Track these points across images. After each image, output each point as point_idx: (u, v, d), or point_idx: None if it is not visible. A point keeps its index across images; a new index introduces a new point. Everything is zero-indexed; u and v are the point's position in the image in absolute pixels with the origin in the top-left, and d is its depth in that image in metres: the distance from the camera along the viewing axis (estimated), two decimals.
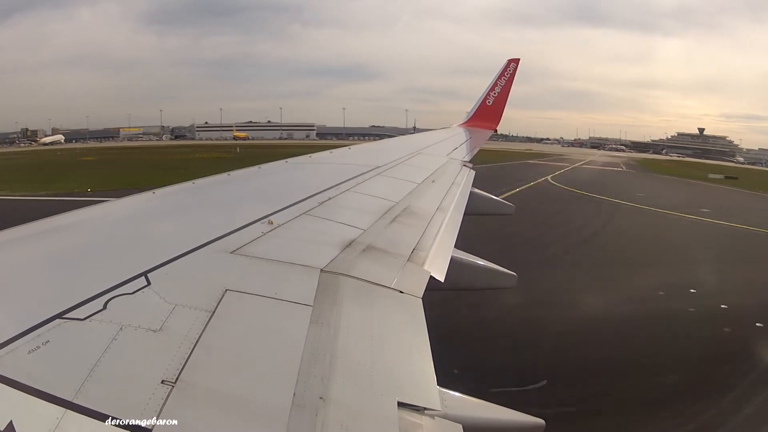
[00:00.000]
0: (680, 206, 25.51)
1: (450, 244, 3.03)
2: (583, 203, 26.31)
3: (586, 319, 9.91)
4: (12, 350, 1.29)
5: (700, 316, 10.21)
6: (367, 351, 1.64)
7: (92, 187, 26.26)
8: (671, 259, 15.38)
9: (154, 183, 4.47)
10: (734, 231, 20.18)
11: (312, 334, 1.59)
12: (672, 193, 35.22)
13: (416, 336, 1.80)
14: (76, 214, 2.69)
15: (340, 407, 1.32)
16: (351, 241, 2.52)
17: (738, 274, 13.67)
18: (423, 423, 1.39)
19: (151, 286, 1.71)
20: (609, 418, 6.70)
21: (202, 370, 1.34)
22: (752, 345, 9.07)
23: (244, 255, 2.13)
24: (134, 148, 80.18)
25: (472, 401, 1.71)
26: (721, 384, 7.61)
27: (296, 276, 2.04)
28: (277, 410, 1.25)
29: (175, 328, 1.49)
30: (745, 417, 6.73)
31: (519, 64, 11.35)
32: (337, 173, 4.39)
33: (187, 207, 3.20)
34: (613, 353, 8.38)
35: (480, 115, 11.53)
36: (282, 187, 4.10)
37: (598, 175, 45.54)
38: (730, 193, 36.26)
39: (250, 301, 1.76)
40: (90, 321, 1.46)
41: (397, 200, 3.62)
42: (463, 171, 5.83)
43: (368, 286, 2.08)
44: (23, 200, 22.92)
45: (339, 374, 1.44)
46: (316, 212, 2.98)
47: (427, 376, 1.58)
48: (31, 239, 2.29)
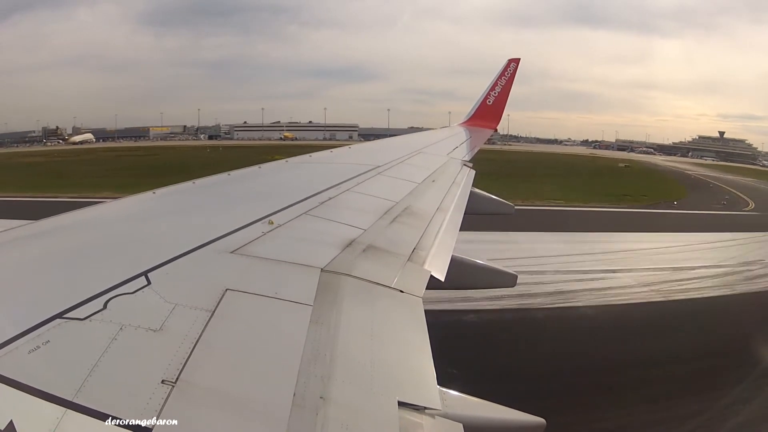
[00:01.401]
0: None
1: (450, 244, 3.03)
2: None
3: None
4: (12, 350, 1.29)
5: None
6: (367, 350, 1.64)
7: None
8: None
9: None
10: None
11: (312, 334, 1.59)
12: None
13: (416, 335, 1.80)
14: (76, 214, 2.69)
15: (340, 407, 1.32)
16: (351, 241, 2.52)
17: None
18: (423, 422, 1.38)
19: (152, 286, 1.71)
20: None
21: (203, 370, 1.33)
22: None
23: (244, 255, 2.13)
24: (202, 149, 70.62)
25: (472, 401, 1.71)
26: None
27: (296, 276, 2.04)
28: (278, 410, 1.25)
29: (176, 328, 1.49)
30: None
31: (519, 65, 11.36)
32: (338, 173, 4.39)
33: (188, 207, 3.20)
34: None
35: (480, 115, 11.51)
36: (282, 186, 4.10)
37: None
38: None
39: (250, 300, 1.75)
40: (90, 321, 1.46)
41: (398, 200, 3.62)
42: (463, 170, 5.82)
43: (368, 285, 2.08)
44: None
45: (339, 374, 1.44)
46: (316, 212, 2.97)
47: (428, 375, 1.58)
48: (31, 239, 2.29)
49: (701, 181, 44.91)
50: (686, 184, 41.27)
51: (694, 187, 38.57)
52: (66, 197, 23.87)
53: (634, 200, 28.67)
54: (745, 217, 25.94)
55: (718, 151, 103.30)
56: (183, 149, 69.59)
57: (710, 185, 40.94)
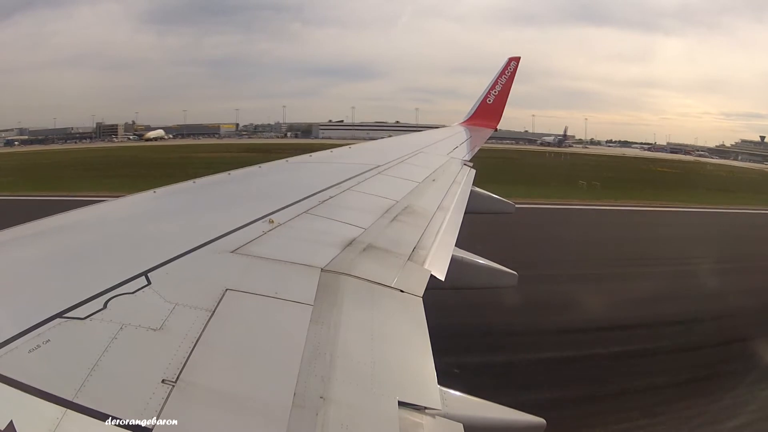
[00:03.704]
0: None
1: (451, 243, 3.02)
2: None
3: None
4: (12, 349, 1.29)
5: None
6: (367, 350, 1.64)
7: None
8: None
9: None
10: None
11: (312, 334, 1.59)
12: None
13: (417, 335, 1.80)
14: (76, 213, 2.69)
15: (340, 407, 1.32)
16: (351, 240, 2.52)
17: None
18: (424, 422, 1.38)
19: (152, 286, 1.70)
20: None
21: (203, 370, 1.33)
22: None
23: (244, 254, 2.13)
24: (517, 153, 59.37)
25: (473, 400, 1.71)
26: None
27: (297, 275, 2.04)
28: (278, 410, 1.25)
29: (176, 328, 1.48)
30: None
31: (519, 63, 11.34)
32: (338, 172, 4.38)
33: (188, 206, 3.20)
34: None
35: (480, 114, 11.50)
36: (282, 186, 4.09)
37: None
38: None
39: (250, 300, 1.75)
40: (90, 320, 1.46)
41: (398, 199, 3.62)
42: (463, 170, 5.83)
43: (369, 285, 2.08)
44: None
45: (339, 373, 1.44)
46: (316, 211, 2.97)
47: (428, 375, 1.58)
48: (31, 239, 2.28)
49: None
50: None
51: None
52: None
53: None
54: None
55: (760, 154, 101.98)
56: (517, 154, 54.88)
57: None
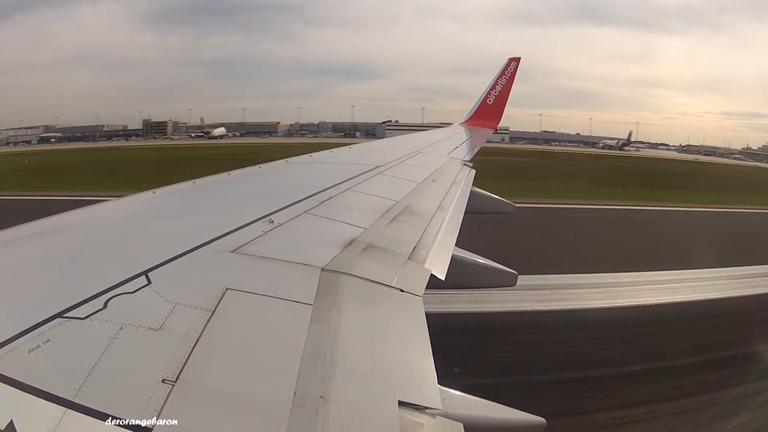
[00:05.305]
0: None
1: (451, 243, 3.03)
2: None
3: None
4: (12, 349, 1.29)
5: None
6: (367, 350, 1.64)
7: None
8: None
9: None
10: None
11: (312, 333, 1.59)
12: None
13: (417, 334, 1.80)
14: (76, 213, 2.69)
15: (340, 406, 1.31)
16: (351, 240, 2.52)
17: None
18: (424, 422, 1.38)
19: (152, 285, 1.70)
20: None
21: (203, 369, 1.33)
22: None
23: (244, 254, 2.13)
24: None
25: (473, 400, 1.71)
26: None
27: (297, 275, 2.04)
28: (278, 409, 1.25)
29: (176, 327, 1.48)
30: None
31: (520, 63, 11.34)
32: (338, 172, 4.39)
33: (188, 206, 3.20)
34: None
35: (481, 114, 11.50)
36: (282, 186, 4.10)
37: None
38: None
39: (250, 300, 1.75)
40: (90, 320, 1.46)
41: (398, 199, 3.62)
42: (463, 170, 5.83)
43: (369, 284, 2.08)
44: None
45: (339, 373, 1.44)
46: (316, 211, 2.97)
47: (428, 374, 1.58)
48: (31, 239, 2.29)
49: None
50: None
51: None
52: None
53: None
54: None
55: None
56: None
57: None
